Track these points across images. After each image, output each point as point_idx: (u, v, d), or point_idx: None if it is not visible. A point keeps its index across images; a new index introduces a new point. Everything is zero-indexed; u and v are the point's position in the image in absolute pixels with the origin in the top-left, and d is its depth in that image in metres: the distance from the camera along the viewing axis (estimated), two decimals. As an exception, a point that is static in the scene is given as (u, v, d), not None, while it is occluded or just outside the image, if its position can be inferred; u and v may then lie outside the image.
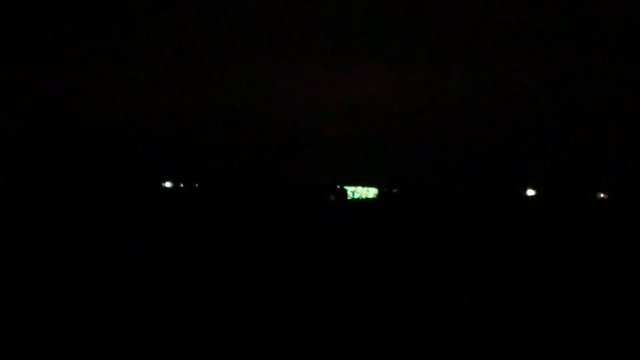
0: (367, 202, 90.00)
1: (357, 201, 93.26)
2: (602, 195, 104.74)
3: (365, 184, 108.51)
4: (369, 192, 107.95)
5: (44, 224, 27.48)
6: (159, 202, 58.13)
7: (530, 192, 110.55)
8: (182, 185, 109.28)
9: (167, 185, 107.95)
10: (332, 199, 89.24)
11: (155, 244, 20.54)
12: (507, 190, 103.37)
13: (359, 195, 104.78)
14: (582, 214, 49.37)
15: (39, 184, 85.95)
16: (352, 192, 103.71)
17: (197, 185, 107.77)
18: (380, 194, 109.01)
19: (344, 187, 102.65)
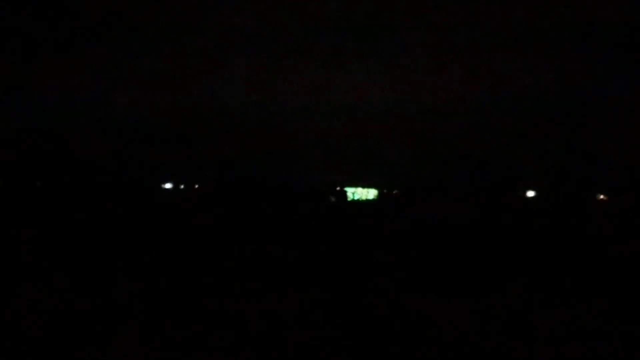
0: (367, 203, 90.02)
1: (357, 202, 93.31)
2: (601, 196, 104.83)
3: (365, 185, 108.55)
4: (369, 194, 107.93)
5: (43, 224, 27.47)
6: (159, 203, 58.09)
7: (530, 193, 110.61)
8: (182, 186, 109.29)
9: (167, 186, 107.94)
10: (333, 200, 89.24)
11: (155, 245, 20.55)
12: (507, 191, 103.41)
13: (359, 196, 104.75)
14: (582, 215, 49.36)
15: (38, 184, 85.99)
16: (352, 193, 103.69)
17: (197, 186, 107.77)
18: (380, 195, 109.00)
19: (344, 189, 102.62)
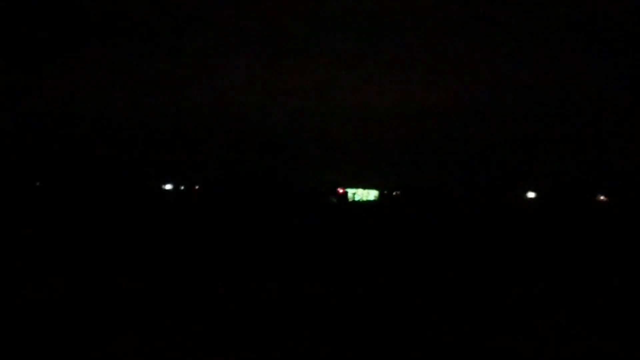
0: (367, 204, 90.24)
1: (358, 203, 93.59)
2: (602, 197, 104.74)
3: (366, 186, 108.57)
4: (370, 194, 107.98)
5: (43, 224, 27.42)
6: (160, 204, 58.08)
7: (530, 194, 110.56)
8: (182, 187, 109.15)
9: (168, 187, 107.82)
10: (334, 200, 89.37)
11: (155, 246, 20.52)
12: (507, 192, 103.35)
13: (359, 197, 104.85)
14: (582, 216, 49.35)
15: (37, 184, 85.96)
16: (352, 194, 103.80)
17: (198, 187, 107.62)
18: (380, 196, 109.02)
19: (345, 190, 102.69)
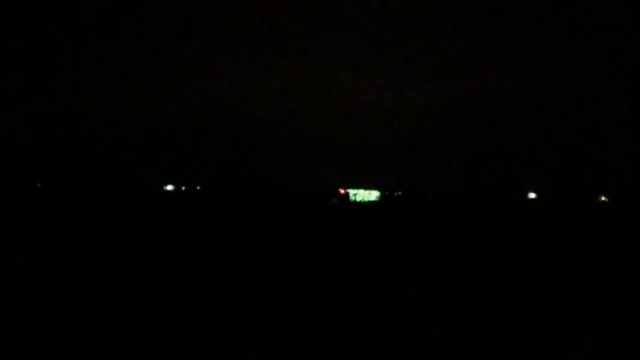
0: (369, 204, 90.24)
1: (359, 204, 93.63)
2: (603, 198, 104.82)
3: (367, 186, 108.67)
4: (371, 195, 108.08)
5: (44, 226, 27.33)
6: (161, 205, 57.98)
7: (531, 195, 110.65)
8: (183, 188, 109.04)
9: (169, 188, 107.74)
10: (335, 201, 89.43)
11: (157, 246, 20.50)
12: (508, 193, 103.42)
13: (361, 198, 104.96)
14: (583, 217, 49.36)
15: (39, 185, 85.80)
16: (354, 194, 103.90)
17: (199, 188, 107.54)
18: (381, 196, 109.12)
19: (347, 190, 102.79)
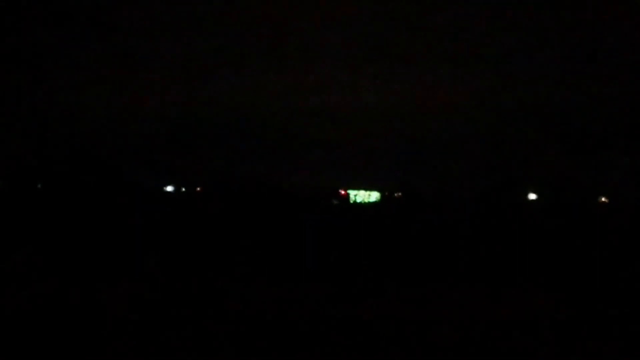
0: (369, 205, 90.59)
1: (360, 205, 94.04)
2: (603, 199, 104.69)
3: (367, 187, 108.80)
4: (371, 196, 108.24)
5: (44, 226, 27.45)
6: (161, 206, 58.15)
7: (531, 196, 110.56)
8: (183, 189, 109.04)
9: (169, 189, 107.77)
10: (335, 202, 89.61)
11: (157, 248, 20.53)
12: (508, 193, 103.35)
13: (361, 199, 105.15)
14: (583, 217, 49.38)
15: (39, 186, 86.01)
16: (354, 195, 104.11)
17: (199, 189, 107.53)
18: (381, 197, 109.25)
19: (347, 191, 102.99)
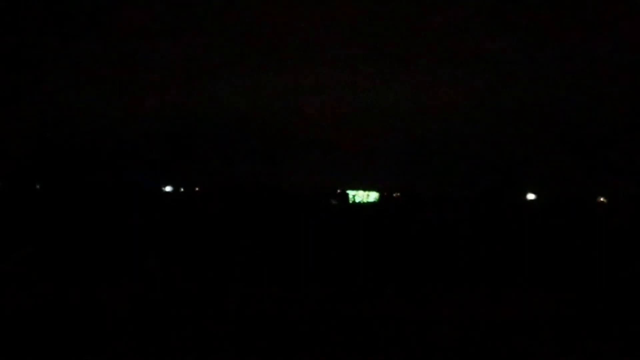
0: (368, 205, 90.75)
1: (358, 205, 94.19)
2: (602, 199, 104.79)
3: (366, 188, 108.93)
4: (370, 196, 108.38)
5: (44, 227, 27.44)
6: (160, 206, 58.17)
7: (530, 196, 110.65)
8: (182, 189, 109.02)
9: (168, 189, 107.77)
10: (334, 202, 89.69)
11: (156, 248, 20.54)
12: (507, 193, 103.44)
13: (360, 199, 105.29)
14: (583, 217, 49.43)
15: (38, 187, 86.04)
16: (353, 196, 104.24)
17: (198, 189, 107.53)
18: (380, 197, 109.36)
19: (346, 191, 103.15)
